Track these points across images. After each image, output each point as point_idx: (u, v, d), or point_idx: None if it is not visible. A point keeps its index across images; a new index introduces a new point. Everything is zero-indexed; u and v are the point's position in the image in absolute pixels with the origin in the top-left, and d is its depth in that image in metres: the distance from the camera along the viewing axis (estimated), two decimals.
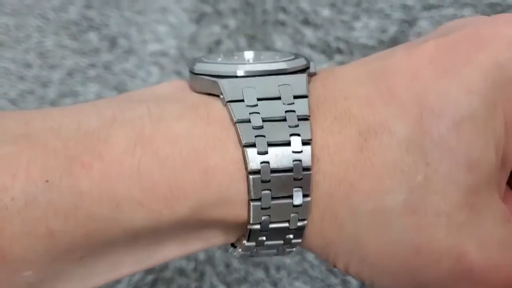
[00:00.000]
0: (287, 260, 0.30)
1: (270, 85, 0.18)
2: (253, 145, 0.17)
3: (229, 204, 0.17)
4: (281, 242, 0.19)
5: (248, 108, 0.18)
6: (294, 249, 0.19)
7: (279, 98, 0.18)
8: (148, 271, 0.29)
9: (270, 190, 0.17)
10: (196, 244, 0.19)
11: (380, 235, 0.18)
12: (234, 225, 0.18)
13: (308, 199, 0.18)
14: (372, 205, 0.18)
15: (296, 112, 0.18)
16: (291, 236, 0.18)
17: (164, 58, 0.36)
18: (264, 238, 0.18)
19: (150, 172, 0.17)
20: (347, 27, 0.37)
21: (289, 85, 0.18)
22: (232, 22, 0.38)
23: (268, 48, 0.36)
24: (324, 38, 0.36)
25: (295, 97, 0.18)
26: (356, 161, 0.18)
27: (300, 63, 0.19)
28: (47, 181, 0.16)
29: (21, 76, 0.35)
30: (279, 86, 0.18)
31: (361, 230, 0.18)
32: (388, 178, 0.18)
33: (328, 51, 0.36)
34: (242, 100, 0.18)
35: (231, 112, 0.18)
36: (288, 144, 0.17)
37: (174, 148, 0.17)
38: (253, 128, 0.17)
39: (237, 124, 0.17)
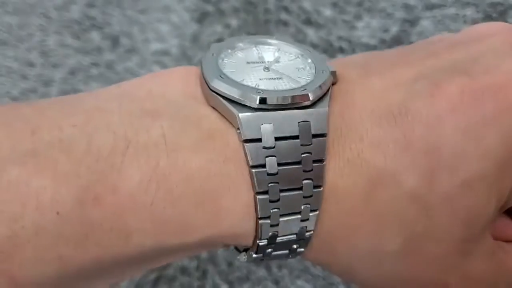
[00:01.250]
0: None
1: (290, 122, 0.17)
2: (265, 193, 0.17)
3: (237, 238, 0.18)
4: (287, 252, 0.19)
5: (265, 151, 0.17)
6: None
7: (297, 137, 0.17)
8: (151, 270, 0.29)
9: (277, 231, 0.18)
10: (201, 251, 0.20)
11: (372, 269, 0.19)
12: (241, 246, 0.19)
13: (310, 233, 0.18)
14: (370, 246, 0.19)
15: (313, 154, 0.17)
16: (296, 246, 0.19)
17: (166, 57, 0.36)
18: (270, 250, 0.19)
19: (163, 209, 0.16)
20: (349, 26, 0.37)
21: (309, 122, 0.17)
22: (234, 22, 0.38)
23: None
24: (326, 38, 0.36)
25: (314, 135, 0.17)
26: (361, 207, 0.18)
27: (324, 86, 0.18)
28: (58, 213, 0.16)
29: (24, 74, 0.35)
30: (298, 123, 0.17)
31: (355, 261, 0.19)
32: (389, 226, 0.18)
33: (330, 50, 0.36)
34: (259, 140, 0.17)
35: (247, 155, 0.17)
36: (300, 189, 0.18)
37: (188, 187, 0.17)
38: (268, 175, 0.17)
39: (252, 169, 0.17)
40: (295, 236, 0.18)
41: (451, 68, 0.18)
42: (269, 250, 0.19)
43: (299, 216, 0.18)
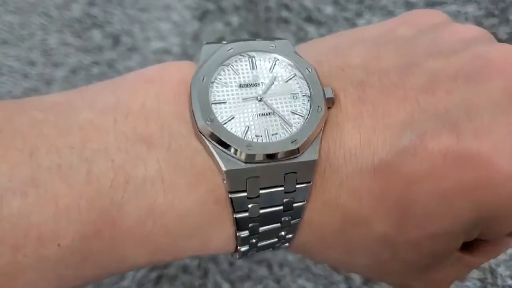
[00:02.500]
0: (290, 257, 0.30)
1: (276, 174, 0.18)
2: (246, 230, 0.18)
3: (221, 253, 0.20)
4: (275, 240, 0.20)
5: (249, 200, 0.18)
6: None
7: (281, 186, 0.18)
8: (152, 268, 0.30)
9: (256, 249, 0.20)
10: None
11: (350, 270, 0.23)
12: None
13: (287, 244, 0.20)
14: (342, 261, 0.21)
15: (295, 198, 0.18)
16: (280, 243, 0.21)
17: (167, 56, 0.36)
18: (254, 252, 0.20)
19: (158, 241, 0.18)
20: (350, 24, 0.37)
21: (295, 173, 0.18)
22: (235, 19, 0.38)
23: None
24: (327, 35, 0.36)
25: (298, 183, 0.18)
26: (333, 238, 0.19)
27: (316, 132, 0.18)
28: (58, 244, 0.16)
29: (25, 74, 0.35)
30: (285, 174, 0.18)
31: (333, 264, 0.22)
32: (358, 253, 0.20)
33: None
34: (244, 191, 0.17)
35: (232, 204, 0.18)
36: (278, 222, 0.19)
37: (182, 223, 0.18)
38: (249, 218, 0.18)
39: (234, 214, 0.18)
40: (271, 249, 0.20)
41: (443, 116, 0.18)
42: (253, 252, 0.20)
43: (275, 239, 0.20)
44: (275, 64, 0.19)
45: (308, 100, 0.18)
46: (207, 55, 0.19)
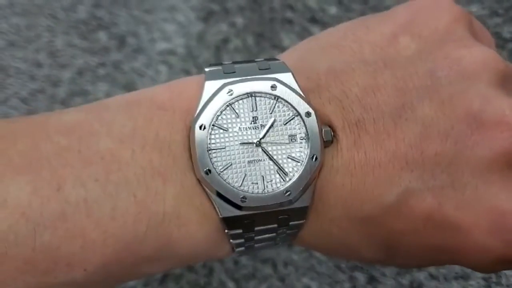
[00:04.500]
0: (295, 256, 0.30)
1: (270, 219, 0.19)
2: (243, 247, 0.20)
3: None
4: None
5: (245, 234, 0.19)
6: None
7: (275, 225, 0.19)
8: None
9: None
10: None
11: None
12: None
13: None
14: (341, 256, 0.25)
15: (287, 228, 0.20)
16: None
17: (172, 57, 0.37)
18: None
19: (171, 261, 0.20)
20: None
21: (288, 216, 0.19)
22: (239, 20, 0.38)
23: (276, 46, 0.36)
24: (322, 32, 0.36)
25: (292, 222, 0.19)
26: (329, 249, 0.22)
27: (309, 181, 0.19)
28: (85, 270, 0.18)
29: (32, 75, 0.36)
30: (279, 217, 0.19)
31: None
32: (355, 255, 0.22)
33: None
34: (241, 230, 0.19)
35: (231, 240, 0.20)
36: (273, 240, 0.21)
37: (193, 253, 0.20)
38: (245, 241, 0.20)
39: (231, 240, 0.20)
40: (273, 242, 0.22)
41: (428, 180, 0.19)
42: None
43: (272, 242, 0.21)
44: (275, 105, 0.19)
45: (306, 143, 0.19)
46: (208, 94, 0.19)
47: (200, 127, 0.19)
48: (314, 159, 0.19)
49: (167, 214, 0.18)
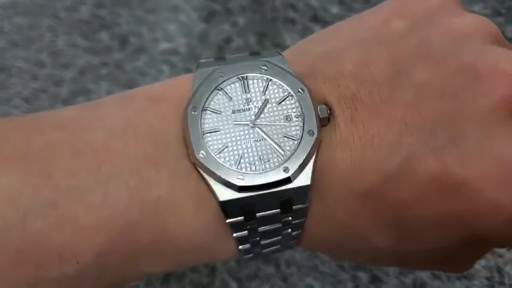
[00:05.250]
0: (298, 256, 0.30)
1: (271, 201, 0.18)
2: (248, 243, 0.20)
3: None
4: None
5: (247, 222, 0.18)
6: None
7: (278, 210, 0.18)
8: None
9: (261, 253, 0.21)
10: None
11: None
12: None
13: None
14: (348, 258, 0.23)
15: (292, 218, 0.19)
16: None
17: (174, 56, 0.37)
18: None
19: (169, 257, 0.19)
20: None
21: (290, 198, 0.18)
22: (241, 20, 0.38)
23: (278, 45, 0.36)
24: (321, 30, 0.36)
25: (295, 204, 0.18)
26: (336, 248, 0.21)
27: (308, 157, 0.18)
28: (77, 262, 0.17)
29: (34, 75, 0.36)
30: (280, 200, 0.18)
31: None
32: (363, 256, 0.21)
33: None
34: (242, 217, 0.18)
35: (231, 227, 0.19)
36: (279, 235, 0.20)
37: (190, 244, 0.19)
38: (249, 234, 0.19)
39: (234, 234, 0.19)
40: (279, 246, 0.21)
41: (429, 140, 0.18)
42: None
43: (278, 246, 0.21)
44: (268, 85, 0.19)
45: (302, 122, 0.19)
46: (200, 80, 0.19)
47: (193, 110, 0.18)
48: (310, 135, 0.18)
49: (161, 200, 0.18)
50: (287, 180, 0.18)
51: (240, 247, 0.20)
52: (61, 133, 0.18)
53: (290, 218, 0.19)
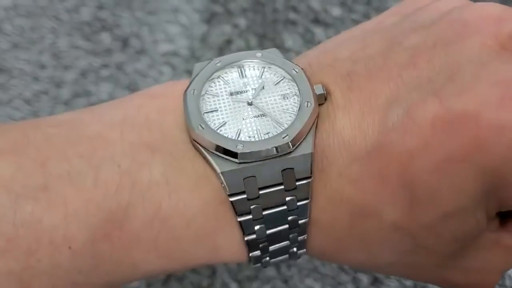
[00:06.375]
0: None
1: (273, 172, 0.18)
2: (253, 233, 0.19)
3: (234, 262, 0.21)
4: (287, 256, 0.21)
5: (250, 201, 0.18)
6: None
7: (281, 184, 0.18)
8: None
9: (268, 257, 0.20)
10: None
11: (371, 269, 0.21)
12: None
13: (303, 251, 0.20)
14: (362, 261, 0.20)
15: (297, 196, 0.18)
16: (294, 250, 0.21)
17: (175, 58, 0.37)
18: (267, 258, 0.20)
19: (166, 246, 0.18)
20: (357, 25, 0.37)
21: (292, 168, 0.18)
22: (242, 22, 0.38)
23: (279, 47, 0.37)
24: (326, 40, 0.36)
25: (298, 179, 0.18)
26: (346, 236, 0.19)
27: (307, 126, 0.18)
28: (70, 247, 0.17)
29: (36, 76, 0.36)
30: (282, 171, 0.18)
31: (353, 265, 0.22)
32: (377, 247, 0.19)
33: None
34: (244, 192, 0.18)
35: (233, 207, 0.18)
36: (286, 223, 0.19)
37: (188, 228, 0.18)
38: (254, 220, 0.18)
39: (238, 217, 0.18)
40: (287, 255, 0.20)
41: (426, 85, 0.18)
42: (266, 259, 0.20)
43: (287, 242, 0.20)
44: (263, 71, 0.20)
45: (298, 99, 0.19)
46: (198, 69, 0.20)
47: (192, 92, 0.19)
48: (306, 106, 0.18)
49: (154, 180, 0.17)
50: (288, 147, 0.18)
51: (245, 238, 0.19)
52: (57, 129, 0.18)
53: (294, 196, 0.18)
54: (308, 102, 0.18)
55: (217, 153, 0.17)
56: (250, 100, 0.19)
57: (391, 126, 0.17)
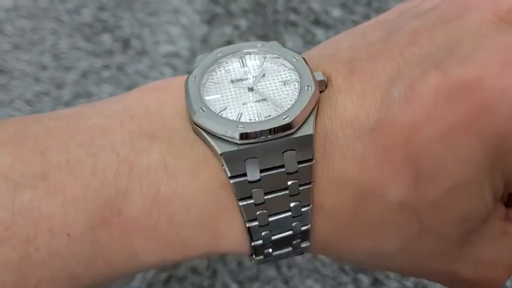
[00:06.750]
0: (299, 258, 0.30)
1: (274, 153, 0.17)
2: (255, 220, 0.18)
3: (236, 253, 0.20)
4: (290, 249, 0.20)
5: (251, 184, 0.17)
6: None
7: (282, 167, 0.18)
8: (162, 269, 0.30)
9: (271, 248, 0.19)
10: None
11: (377, 263, 0.20)
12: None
13: (307, 243, 0.20)
14: (368, 250, 0.19)
15: (299, 180, 0.18)
16: (297, 248, 0.20)
17: (176, 59, 0.37)
18: (270, 250, 0.20)
19: (165, 233, 0.18)
20: None
21: (294, 150, 0.17)
22: (243, 23, 0.38)
23: None
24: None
25: (300, 162, 0.18)
26: (351, 221, 0.18)
27: (308, 108, 0.18)
28: (68, 234, 0.17)
29: (37, 77, 0.36)
30: (283, 152, 0.17)
31: (358, 259, 0.20)
32: (382, 233, 0.19)
33: None
34: (245, 174, 0.17)
35: (234, 190, 0.17)
36: (288, 211, 0.18)
37: (188, 213, 0.18)
38: (255, 205, 0.18)
39: (239, 202, 0.18)
40: (291, 248, 0.20)
41: (427, 60, 0.18)
42: (269, 251, 0.20)
43: (291, 232, 0.19)
44: (264, 60, 0.20)
45: (299, 84, 0.19)
46: (200, 60, 0.20)
47: (193, 79, 0.19)
48: (307, 89, 0.18)
49: (152, 165, 0.17)
50: (288, 127, 0.17)
51: (247, 224, 0.18)
52: (57, 121, 0.18)
53: (296, 180, 0.18)
54: (308, 86, 0.18)
55: (218, 134, 0.17)
56: (251, 86, 0.19)
57: (393, 100, 0.17)
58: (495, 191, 0.18)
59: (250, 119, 0.18)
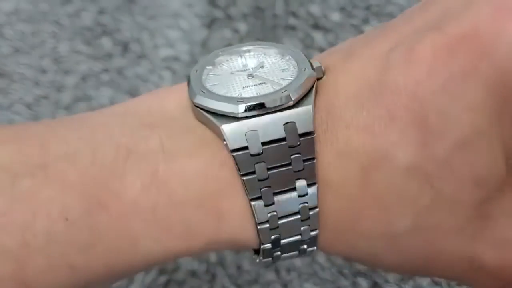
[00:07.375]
0: (298, 262, 0.30)
1: (275, 126, 0.17)
2: (259, 198, 0.18)
3: (242, 242, 0.19)
4: (296, 253, 0.20)
5: (253, 158, 0.17)
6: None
7: (284, 139, 0.18)
8: (161, 272, 0.30)
9: (279, 234, 0.18)
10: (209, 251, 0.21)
11: (390, 250, 0.19)
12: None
13: (316, 232, 0.19)
14: (379, 230, 0.18)
15: (302, 154, 0.18)
16: (305, 247, 0.20)
17: (176, 63, 0.37)
18: (278, 253, 0.19)
19: (166, 214, 0.17)
20: (357, 30, 0.37)
21: (294, 122, 0.18)
22: (243, 27, 0.38)
23: None
24: (334, 42, 0.37)
25: (301, 135, 0.18)
26: (359, 196, 0.18)
27: (307, 83, 0.18)
28: (66, 219, 0.16)
29: (37, 81, 0.36)
30: (284, 125, 0.18)
31: (370, 246, 0.19)
32: (393, 205, 0.18)
33: None
34: (246, 148, 0.17)
35: (236, 164, 0.17)
36: (293, 189, 0.18)
37: (187, 191, 0.17)
38: (259, 180, 0.18)
39: (242, 177, 0.17)
40: (299, 236, 0.19)
41: (423, 28, 0.18)
42: (277, 253, 0.19)
43: (298, 216, 0.18)
44: (263, 54, 0.20)
45: (297, 68, 0.19)
46: (201, 60, 0.21)
47: (195, 72, 0.20)
48: (303, 70, 0.19)
49: (150, 149, 0.17)
50: (288, 99, 0.18)
51: (252, 203, 0.18)
52: (59, 122, 0.19)
53: (299, 154, 0.18)
54: (305, 68, 0.19)
55: (218, 110, 0.18)
56: (251, 73, 0.19)
57: (393, 63, 0.17)
58: (507, 150, 0.18)
59: (250, 97, 0.18)
